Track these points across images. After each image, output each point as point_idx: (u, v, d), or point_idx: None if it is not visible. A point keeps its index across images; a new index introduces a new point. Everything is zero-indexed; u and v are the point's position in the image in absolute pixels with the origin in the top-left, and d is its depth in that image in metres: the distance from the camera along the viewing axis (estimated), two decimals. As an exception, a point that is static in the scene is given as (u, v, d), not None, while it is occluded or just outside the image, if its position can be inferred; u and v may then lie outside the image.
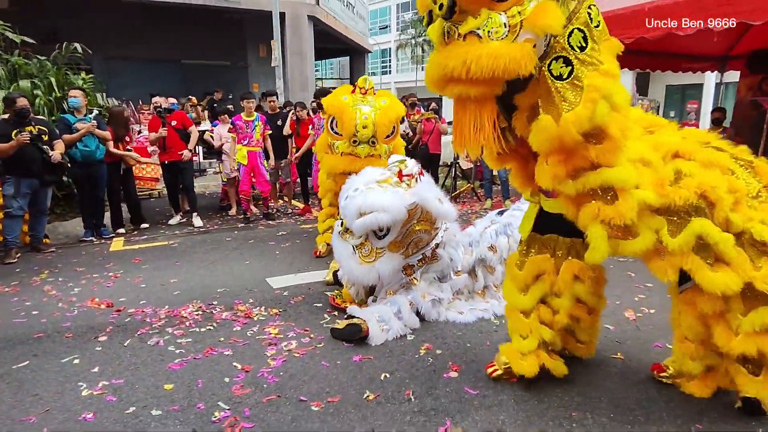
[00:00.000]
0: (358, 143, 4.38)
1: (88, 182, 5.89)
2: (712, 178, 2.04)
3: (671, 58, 9.06)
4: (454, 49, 1.84)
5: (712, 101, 13.22)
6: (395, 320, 3.22)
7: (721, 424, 2.24)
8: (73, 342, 3.23)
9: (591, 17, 1.94)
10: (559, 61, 1.91)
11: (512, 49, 1.77)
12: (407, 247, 3.35)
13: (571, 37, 1.90)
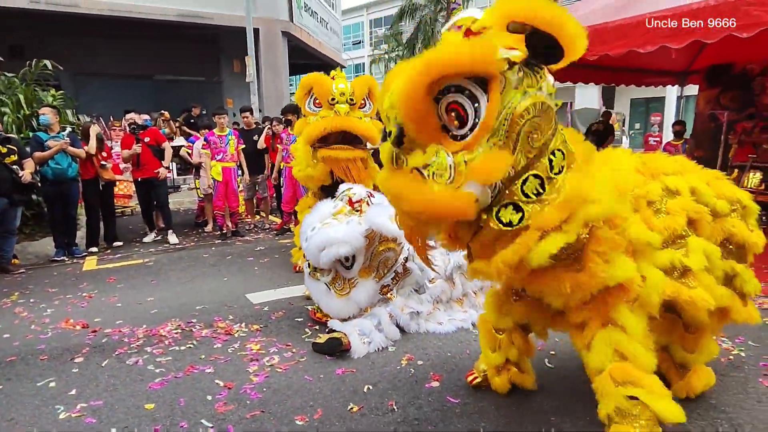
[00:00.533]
0: (336, 102, 4.43)
1: (60, 200, 5.78)
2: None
3: (634, 73, 9.45)
4: (400, 179, 1.76)
5: (674, 114, 13.78)
6: (376, 333, 3.26)
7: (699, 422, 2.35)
8: (48, 364, 3.16)
9: (552, 165, 1.79)
10: (509, 208, 1.78)
11: (454, 198, 1.67)
12: (377, 269, 3.42)
13: (525, 185, 1.77)
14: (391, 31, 27.15)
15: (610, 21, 5.11)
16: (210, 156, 6.76)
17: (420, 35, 22.61)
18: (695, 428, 2.28)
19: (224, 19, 12.86)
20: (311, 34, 16.14)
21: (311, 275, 3.44)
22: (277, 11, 13.85)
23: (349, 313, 3.35)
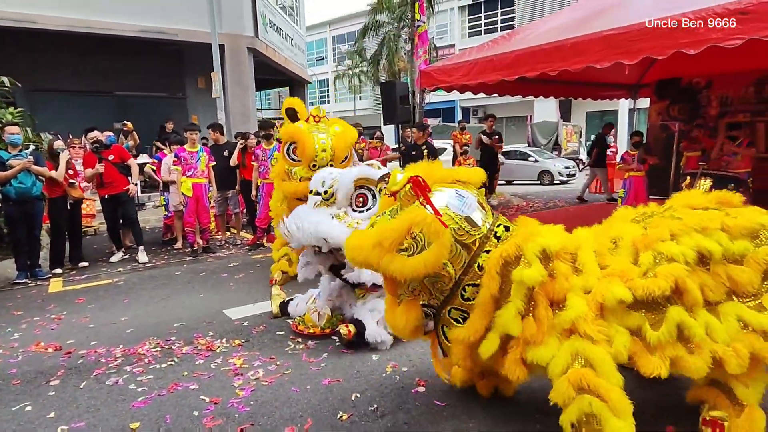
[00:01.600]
0: (317, 167, 4.49)
1: (24, 221, 5.58)
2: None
3: (590, 87, 9.95)
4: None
5: (627, 125, 14.50)
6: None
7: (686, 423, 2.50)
8: (22, 389, 3.05)
9: (464, 296, 2.22)
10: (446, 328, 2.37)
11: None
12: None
13: (450, 314, 2.32)
14: (355, 47, 27.51)
15: (568, 38, 5.40)
16: (181, 172, 6.68)
17: (384, 51, 22.99)
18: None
19: (189, 35, 12.74)
20: (277, 50, 16.17)
21: (316, 205, 3.47)
22: (243, 27, 13.83)
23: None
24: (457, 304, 2.23)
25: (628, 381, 2.63)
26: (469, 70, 6.84)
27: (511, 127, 28.26)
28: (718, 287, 2.07)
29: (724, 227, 2.13)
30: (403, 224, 2.09)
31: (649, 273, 2.04)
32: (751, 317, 2.04)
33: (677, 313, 2.00)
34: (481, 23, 28.88)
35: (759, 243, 2.13)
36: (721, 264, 2.09)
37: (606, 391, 1.89)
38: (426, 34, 8.44)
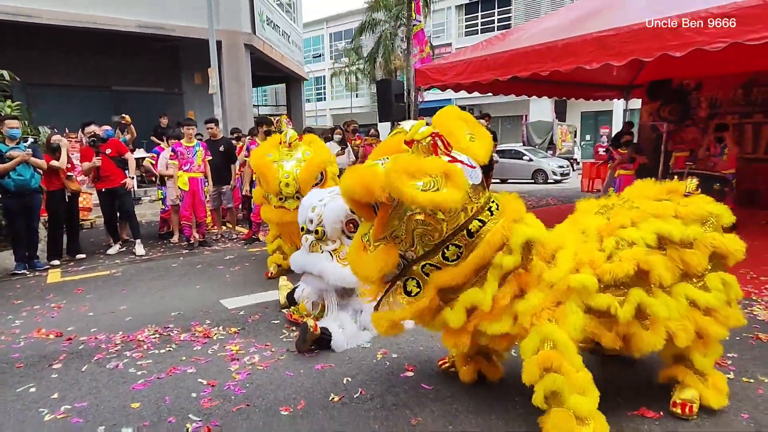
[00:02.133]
0: (284, 199, 4.69)
1: (23, 213, 5.67)
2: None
3: (583, 88, 10.11)
4: (353, 244, 2.54)
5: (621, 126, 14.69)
6: (350, 324, 3.47)
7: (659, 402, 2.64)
8: (25, 371, 3.16)
9: (446, 256, 2.27)
10: (412, 281, 2.36)
11: (365, 266, 2.37)
12: None
13: (423, 269, 2.32)
14: (352, 44, 27.60)
15: (560, 39, 5.54)
16: (177, 166, 6.77)
17: (380, 49, 23.10)
18: (641, 399, 2.57)
19: (186, 31, 12.82)
20: (273, 47, 16.25)
21: (312, 247, 3.51)
22: (240, 24, 13.91)
23: (352, 278, 3.47)
24: (435, 261, 2.27)
25: (606, 365, 2.79)
26: (463, 69, 6.98)
27: (507, 126, 28.43)
28: (673, 269, 2.28)
29: (677, 214, 2.35)
30: (431, 162, 2.16)
31: (614, 257, 2.21)
32: (698, 296, 2.29)
33: (638, 293, 2.19)
34: (477, 22, 29.02)
35: (707, 229, 2.39)
36: (675, 248, 2.30)
37: (567, 371, 2.05)
38: (422, 33, 8.56)
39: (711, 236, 2.38)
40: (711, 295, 2.33)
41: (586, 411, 2.06)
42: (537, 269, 2.25)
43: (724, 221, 2.45)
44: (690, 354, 2.40)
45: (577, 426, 2.06)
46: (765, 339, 3.36)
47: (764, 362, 3.03)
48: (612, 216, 2.43)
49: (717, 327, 2.37)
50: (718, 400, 2.42)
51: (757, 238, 6.16)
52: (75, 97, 13.53)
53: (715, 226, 2.43)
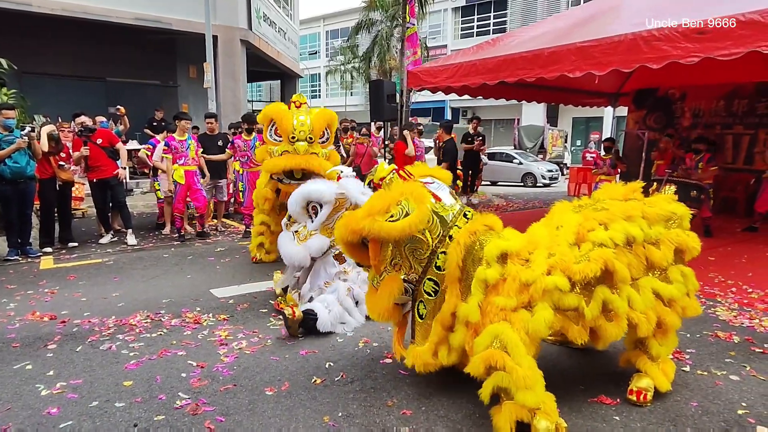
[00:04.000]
0: (296, 140, 4.84)
1: (17, 199, 5.77)
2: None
3: (573, 94, 10.34)
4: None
5: (611, 132, 14.99)
6: (336, 305, 3.68)
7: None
8: (21, 351, 3.30)
9: (437, 264, 2.56)
10: (421, 304, 2.68)
11: (379, 305, 2.70)
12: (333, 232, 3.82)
13: (425, 286, 2.63)
14: (348, 43, 27.70)
15: (546, 47, 5.75)
16: (171, 160, 6.89)
17: (376, 49, 23.24)
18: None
19: (183, 25, 12.89)
20: (269, 43, 16.35)
21: (286, 226, 4.09)
22: (237, 19, 14.01)
23: (302, 257, 3.84)
24: (432, 274, 2.57)
25: (564, 356, 2.99)
26: (454, 72, 7.17)
27: (500, 130, 28.74)
28: (639, 265, 2.51)
29: (644, 215, 2.58)
30: (392, 193, 2.52)
31: (582, 259, 2.37)
32: (662, 288, 2.55)
33: (602, 291, 2.39)
34: (473, 25, 29.27)
35: (670, 226, 2.66)
36: (641, 246, 2.53)
37: (511, 369, 2.19)
38: (415, 36, 8.74)
39: (675, 233, 2.63)
40: (673, 286, 2.59)
41: (535, 403, 2.20)
42: (512, 273, 2.38)
43: (686, 221, 2.72)
44: (648, 341, 2.64)
45: (528, 414, 2.21)
46: (723, 336, 3.58)
47: (719, 358, 3.26)
48: (583, 217, 2.59)
49: (673, 317, 2.61)
50: (664, 384, 2.68)
51: (731, 244, 6.45)
52: (69, 87, 13.54)
53: (678, 224, 2.69)
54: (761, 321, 3.89)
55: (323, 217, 3.78)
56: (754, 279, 4.99)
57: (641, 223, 2.54)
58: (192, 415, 2.53)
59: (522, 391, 2.19)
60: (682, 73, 6.14)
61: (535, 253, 2.49)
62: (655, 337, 2.62)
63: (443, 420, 2.52)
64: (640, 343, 2.70)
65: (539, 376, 2.24)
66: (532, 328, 2.26)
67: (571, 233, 2.49)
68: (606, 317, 2.43)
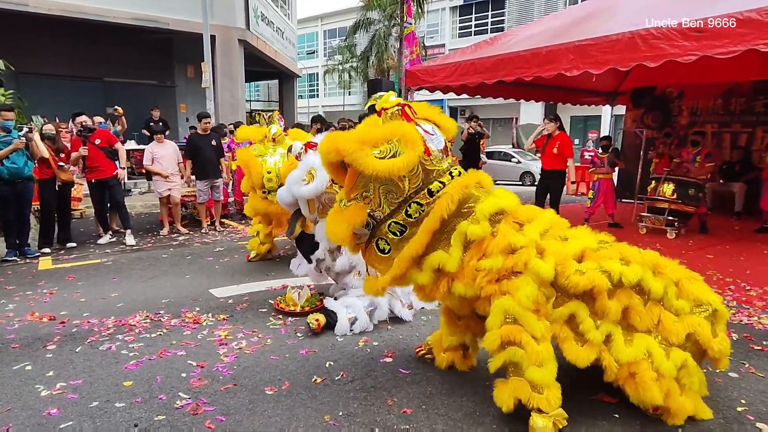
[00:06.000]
0: (268, 192, 4.95)
1: (15, 200, 5.76)
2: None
3: (570, 93, 10.35)
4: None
5: (609, 131, 15.02)
6: (363, 313, 3.62)
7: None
8: (21, 351, 3.30)
9: (408, 213, 2.49)
10: (382, 241, 2.59)
11: (337, 227, 2.58)
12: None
13: (390, 227, 2.54)
14: (346, 42, 27.71)
15: (544, 46, 5.76)
16: None
17: (374, 48, 23.25)
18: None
19: (181, 25, 12.88)
20: (267, 43, 16.34)
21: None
22: (234, 19, 14.00)
23: (283, 195, 3.90)
24: (399, 218, 2.51)
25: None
26: (452, 71, 7.18)
27: (498, 128, 28.74)
28: (644, 321, 2.38)
29: (678, 282, 2.46)
30: (388, 129, 2.46)
31: (579, 270, 2.34)
32: (658, 356, 2.33)
33: (578, 306, 2.34)
34: (471, 24, 29.28)
35: (696, 311, 2.45)
36: (657, 306, 2.42)
37: (527, 343, 2.21)
38: (413, 35, 8.74)
39: (696, 320, 2.40)
40: (669, 363, 2.33)
41: (542, 381, 2.22)
42: (503, 230, 2.41)
43: (720, 320, 2.47)
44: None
45: (533, 393, 2.23)
46: (721, 334, 3.58)
47: (718, 355, 3.26)
48: (604, 249, 2.50)
49: (655, 392, 2.30)
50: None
51: (728, 243, 6.47)
52: (66, 88, 13.52)
53: (710, 317, 2.45)
54: (759, 318, 3.91)
55: (308, 210, 3.79)
56: (752, 276, 5.01)
57: (669, 285, 2.43)
58: (192, 415, 2.53)
59: (533, 368, 2.20)
60: (680, 71, 6.15)
61: (533, 224, 2.48)
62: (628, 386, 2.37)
63: (443, 418, 2.52)
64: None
65: (553, 360, 2.25)
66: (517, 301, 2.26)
67: (578, 246, 2.45)
68: (575, 335, 2.35)
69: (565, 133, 7.36)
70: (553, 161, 7.22)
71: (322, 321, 3.56)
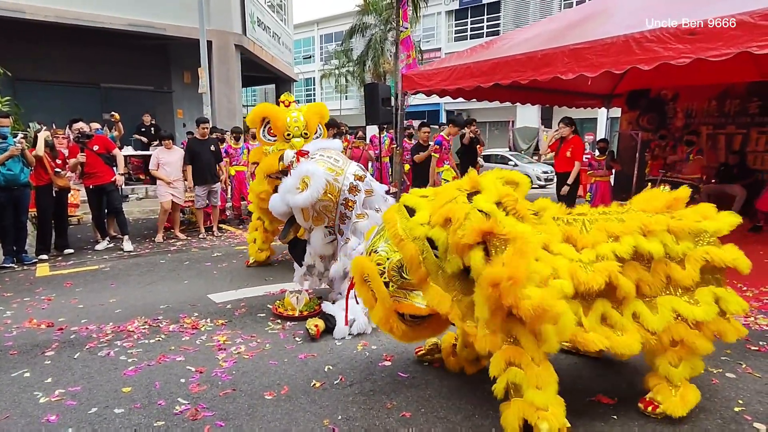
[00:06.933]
0: (291, 136, 4.91)
1: (12, 207, 5.75)
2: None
3: (566, 96, 10.40)
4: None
5: (605, 133, 15.08)
6: (361, 315, 3.61)
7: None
8: (19, 358, 3.29)
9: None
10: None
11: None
12: (325, 217, 3.84)
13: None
14: (342, 47, 27.77)
15: (539, 50, 5.79)
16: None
17: (370, 53, 23.31)
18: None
19: (177, 30, 12.90)
20: (264, 48, 16.37)
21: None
22: (231, 24, 14.03)
23: (276, 203, 3.90)
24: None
25: (561, 356, 3.00)
26: (448, 75, 7.21)
27: (494, 132, 28.81)
28: (655, 283, 2.43)
29: (670, 229, 2.47)
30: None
31: (588, 268, 2.34)
32: (685, 309, 2.39)
33: (602, 305, 2.38)
34: (467, 28, 29.41)
35: (699, 243, 2.49)
36: (662, 263, 2.44)
37: (527, 365, 2.20)
38: (409, 39, 8.78)
39: (703, 250, 2.44)
40: (699, 308, 2.39)
41: (542, 403, 2.20)
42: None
43: (721, 231, 2.50)
44: (657, 361, 2.50)
45: (536, 413, 2.20)
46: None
47: (715, 356, 3.25)
48: (593, 228, 2.53)
49: (702, 341, 2.41)
50: (677, 408, 2.46)
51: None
52: (63, 94, 13.51)
53: (712, 241, 2.48)
54: (756, 319, 3.93)
55: (302, 219, 3.85)
56: (748, 277, 4.95)
57: (666, 238, 2.44)
58: (192, 421, 2.53)
59: (532, 390, 2.19)
60: (674, 73, 6.20)
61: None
62: (666, 357, 2.46)
63: (443, 422, 2.52)
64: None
65: (553, 378, 2.23)
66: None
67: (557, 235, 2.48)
68: (612, 328, 2.39)
69: (578, 137, 7.30)
70: (567, 164, 7.10)
71: (321, 326, 3.56)
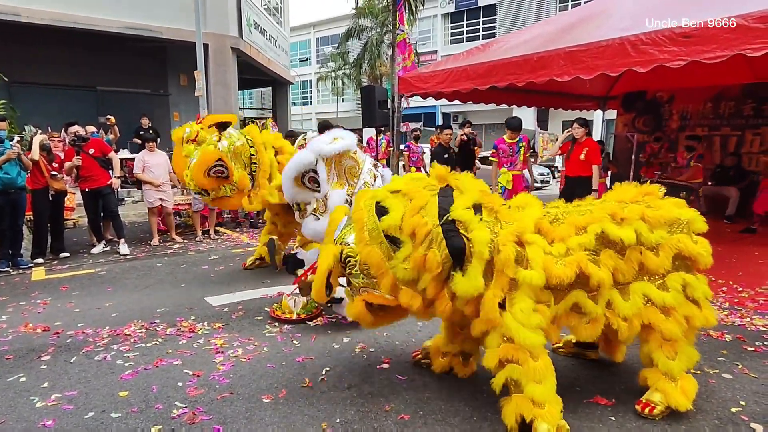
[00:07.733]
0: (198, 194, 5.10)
1: (9, 210, 5.73)
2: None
3: (562, 98, 10.45)
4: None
5: (600, 135, 15.14)
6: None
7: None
8: (15, 363, 3.27)
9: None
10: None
11: None
12: (345, 178, 3.86)
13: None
14: (339, 50, 27.82)
15: (535, 52, 5.82)
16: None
17: (366, 55, 23.36)
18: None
19: (173, 33, 12.88)
20: (260, 51, 16.38)
21: (301, 216, 4.14)
22: (227, 27, 14.02)
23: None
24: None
25: (559, 357, 3.01)
26: (444, 78, 7.23)
27: (491, 133, 28.87)
28: (629, 270, 2.48)
29: (644, 218, 2.51)
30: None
31: (559, 262, 2.37)
32: (655, 294, 2.48)
33: (576, 294, 2.44)
34: (463, 31, 29.50)
35: (674, 231, 2.54)
36: (636, 250, 2.48)
37: (524, 361, 2.24)
38: (404, 42, 8.80)
39: (677, 238, 2.51)
40: (668, 294, 2.48)
41: (542, 397, 2.25)
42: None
43: (695, 226, 2.56)
44: (655, 356, 2.54)
45: (534, 408, 2.25)
46: (714, 335, 3.63)
47: (711, 356, 3.30)
48: (566, 221, 2.57)
49: (671, 325, 2.48)
50: (681, 401, 2.50)
51: (720, 245, 6.51)
52: (59, 96, 13.46)
53: (685, 229, 2.55)
54: (752, 320, 3.95)
55: (326, 176, 3.79)
56: (744, 278, 5.06)
57: (640, 226, 2.48)
58: (189, 424, 2.52)
59: (531, 384, 2.23)
60: (670, 76, 6.24)
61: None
62: (662, 351, 2.52)
63: (441, 424, 2.52)
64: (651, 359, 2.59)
65: (551, 374, 2.28)
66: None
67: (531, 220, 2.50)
68: (582, 316, 2.46)
69: (593, 139, 7.09)
70: (579, 167, 6.85)
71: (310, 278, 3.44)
